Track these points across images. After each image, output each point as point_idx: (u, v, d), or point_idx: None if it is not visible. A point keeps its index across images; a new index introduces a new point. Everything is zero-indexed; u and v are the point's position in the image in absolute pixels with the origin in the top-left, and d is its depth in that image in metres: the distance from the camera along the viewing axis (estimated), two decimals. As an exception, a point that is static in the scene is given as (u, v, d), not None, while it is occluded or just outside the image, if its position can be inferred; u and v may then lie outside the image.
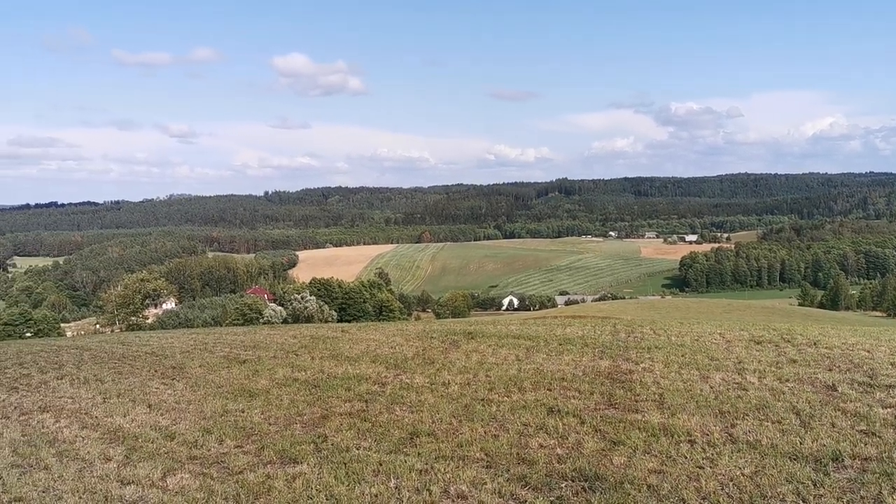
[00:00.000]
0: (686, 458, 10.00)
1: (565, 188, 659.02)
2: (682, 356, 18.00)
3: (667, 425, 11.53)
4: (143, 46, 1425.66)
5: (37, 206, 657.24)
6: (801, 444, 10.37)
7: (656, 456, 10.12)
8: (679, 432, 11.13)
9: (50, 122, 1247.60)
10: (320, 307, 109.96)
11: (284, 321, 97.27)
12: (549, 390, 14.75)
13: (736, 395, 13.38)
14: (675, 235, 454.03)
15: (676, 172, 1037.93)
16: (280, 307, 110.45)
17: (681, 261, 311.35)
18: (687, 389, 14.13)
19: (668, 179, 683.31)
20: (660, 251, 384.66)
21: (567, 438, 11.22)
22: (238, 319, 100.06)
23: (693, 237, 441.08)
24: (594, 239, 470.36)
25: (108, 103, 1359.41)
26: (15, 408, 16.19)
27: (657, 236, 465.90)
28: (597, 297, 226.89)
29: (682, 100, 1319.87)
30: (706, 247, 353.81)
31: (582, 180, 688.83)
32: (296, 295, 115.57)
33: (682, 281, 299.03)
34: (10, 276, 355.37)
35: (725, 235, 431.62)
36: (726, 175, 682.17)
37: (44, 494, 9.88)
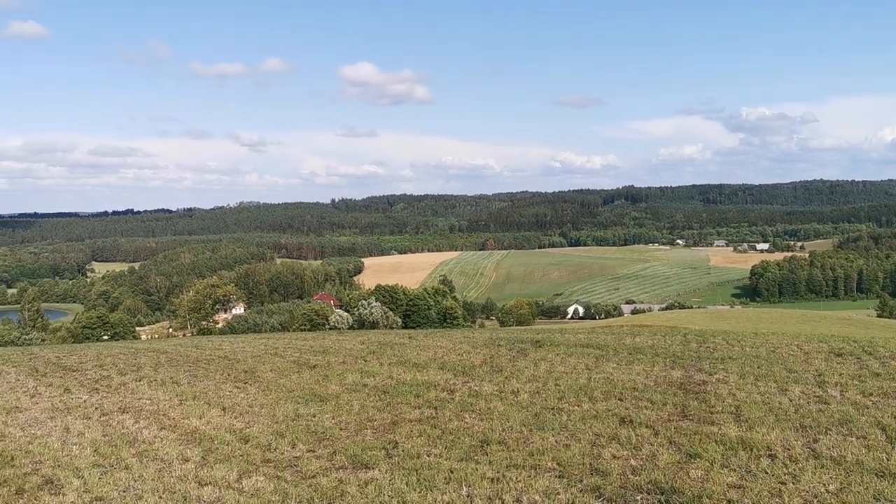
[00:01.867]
0: (767, 472, 9.70)
1: (632, 195, 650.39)
2: (759, 368, 17.54)
3: (745, 439, 11.22)
4: (218, 58, 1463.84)
5: (114, 213, 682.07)
6: (887, 460, 9.97)
7: (735, 470, 9.84)
8: (758, 446, 10.82)
9: (129, 133, 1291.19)
10: (385, 313, 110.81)
11: (350, 327, 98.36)
12: (621, 400, 14.53)
13: (817, 409, 12.96)
14: (745, 244, 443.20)
15: (747, 179, 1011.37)
16: (346, 313, 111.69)
17: (752, 270, 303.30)
18: (765, 402, 13.74)
19: (738, 187, 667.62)
20: (729, 260, 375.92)
21: (640, 450, 11.02)
22: (305, 325, 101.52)
23: (765, 246, 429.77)
24: (661, 247, 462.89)
25: (184, 114, 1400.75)
26: (96, 408, 16.71)
27: (727, 245, 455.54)
28: (663, 306, 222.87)
29: (753, 105, 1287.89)
30: (778, 255, 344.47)
31: (649, 187, 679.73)
32: (361, 301, 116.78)
33: (753, 290, 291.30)
34: (88, 280, 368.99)
35: (799, 244, 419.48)
36: (800, 182, 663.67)
37: (124, 494, 10.13)
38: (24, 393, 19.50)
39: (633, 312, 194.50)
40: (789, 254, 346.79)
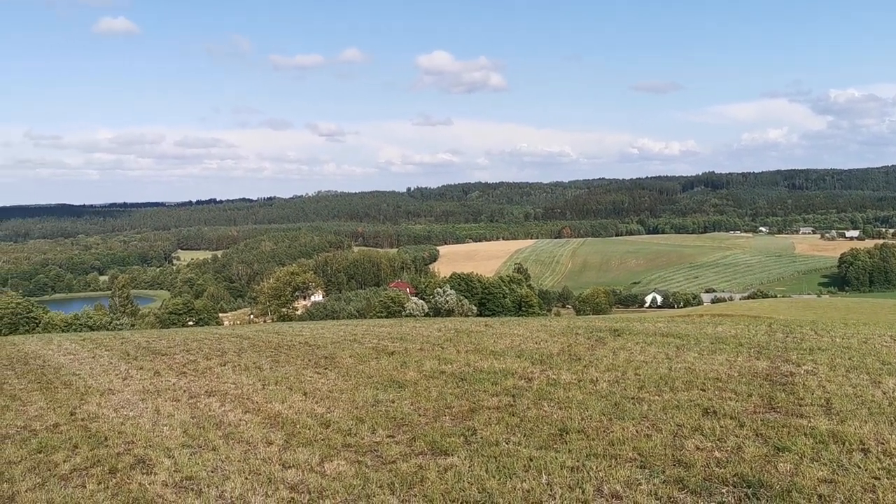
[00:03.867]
0: (860, 467, 9.33)
1: (712, 182, 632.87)
2: (850, 359, 16.89)
3: (836, 432, 10.82)
4: (297, 49, 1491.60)
5: (198, 202, 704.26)
6: None
7: (826, 464, 9.50)
8: (850, 440, 10.41)
9: (212, 124, 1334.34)
10: (460, 301, 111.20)
11: (426, 314, 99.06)
12: (703, 391, 14.20)
13: (914, 403, 12.39)
14: (833, 231, 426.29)
15: (835, 164, 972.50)
16: (421, 301, 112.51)
17: (840, 258, 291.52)
18: (857, 395, 13.22)
19: (825, 171, 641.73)
20: (816, 247, 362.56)
21: (725, 441, 10.74)
22: (382, 312, 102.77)
23: (854, 233, 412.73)
24: (743, 234, 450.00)
25: (264, 105, 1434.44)
26: (184, 391, 17.30)
27: (813, 232, 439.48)
28: (745, 295, 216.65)
29: (842, 86, 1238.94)
30: (869, 243, 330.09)
31: (730, 173, 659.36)
32: (437, 289, 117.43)
33: (842, 279, 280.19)
34: (174, 268, 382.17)
35: (892, 231, 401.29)
36: (892, 166, 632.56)
37: (212, 474, 10.46)
38: (117, 376, 20.34)
39: (714, 301, 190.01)
40: (881, 241, 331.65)
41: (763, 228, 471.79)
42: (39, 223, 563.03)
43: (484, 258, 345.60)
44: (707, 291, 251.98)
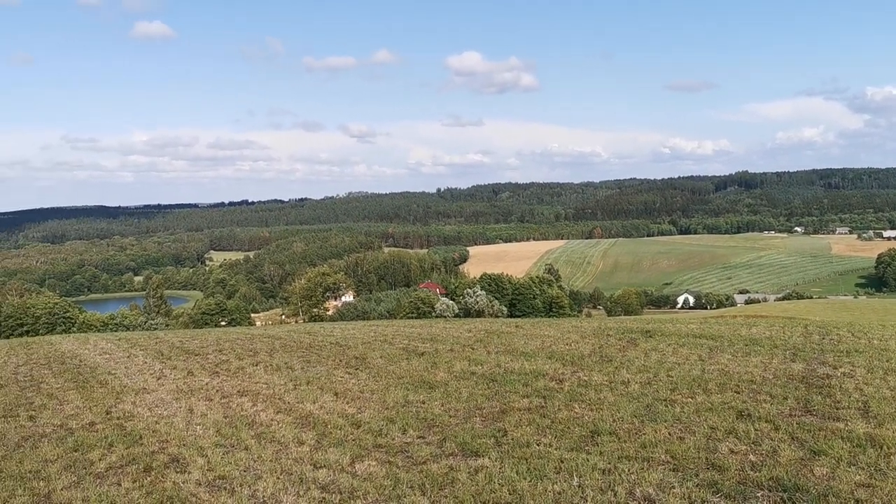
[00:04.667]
0: (899, 472, 9.14)
1: (746, 181, 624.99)
2: (888, 361, 16.59)
3: (874, 436, 10.62)
4: (329, 51, 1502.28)
5: (231, 204, 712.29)
6: None
7: (864, 468, 9.32)
8: (889, 444, 10.21)
9: (245, 126, 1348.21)
10: (490, 302, 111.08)
11: (456, 315, 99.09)
12: (737, 393, 14.03)
13: (955, 407, 12.12)
14: (870, 231, 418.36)
15: (873, 163, 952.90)
16: (451, 301, 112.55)
17: (878, 258, 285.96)
18: (895, 398, 12.96)
19: (863, 171, 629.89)
20: (853, 248, 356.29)
21: (760, 445, 10.60)
22: (412, 312, 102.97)
23: (892, 233, 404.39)
24: (778, 235, 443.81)
25: (296, 107, 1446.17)
26: (217, 391, 17.47)
27: (850, 232, 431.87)
28: (780, 296, 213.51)
29: (880, 84, 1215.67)
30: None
31: (764, 173, 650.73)
32: (467, 290, 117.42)
33: (879, 280, 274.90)
34: (207, 268, 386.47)
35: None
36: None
37: (245, 473, 10.54)
38: (151, 375, 20.61)
39: (747, 302, 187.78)
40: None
41: (798, 228, 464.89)
42: (76, 224, 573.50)
43: (514, 259, 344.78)
44: (740, 292, 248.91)
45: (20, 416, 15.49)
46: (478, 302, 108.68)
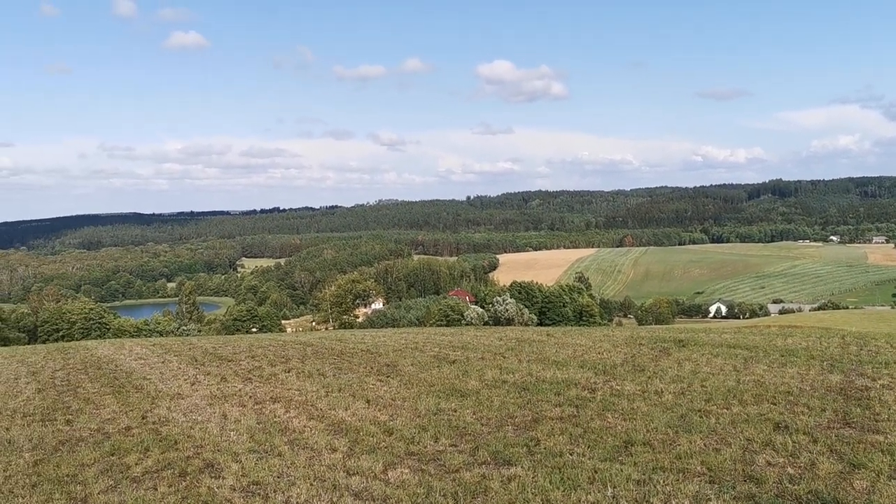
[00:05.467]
0: (943, 487, 8.94)
1: (779, 189, 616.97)
2: (929, 374, 16.23)
3: (916, 450, 10.40)
4: (360, 60, 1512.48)
5: (262, 211, 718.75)
6: None
7: (906, 483, 9.13)
8: (932, 458, 10.00)
9: (276, 135, 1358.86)
10: (520, 310, 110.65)
11: (485, 323, 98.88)
12: (774, 404, 13.83)
13: None
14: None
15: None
16: (481, 309, 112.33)
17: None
18: (937, 411, 12.70)
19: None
20: (890, 257, 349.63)
21: (798, 457, 10.43)
22: (441, 320, 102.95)
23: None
24: (812, 244, 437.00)
25: (327, 115, 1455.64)
26: (250, 397, 17.59)
27: (887, 241, 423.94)
28: (815, 306, 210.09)
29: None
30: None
31: (798, 181, 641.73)
32: (496, 297, 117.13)
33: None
34: (238, 275, 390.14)
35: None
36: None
37: (279, 479, 10.60)
38: (186, 381, 20.82)
39: (781, 312, 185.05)
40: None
41: (834, 237, 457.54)
42: (112, 231, 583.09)
43: (544, 267, 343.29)
44: (774, 302, 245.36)
45: (58, 419, 15.74)
46: (507, 310, 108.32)
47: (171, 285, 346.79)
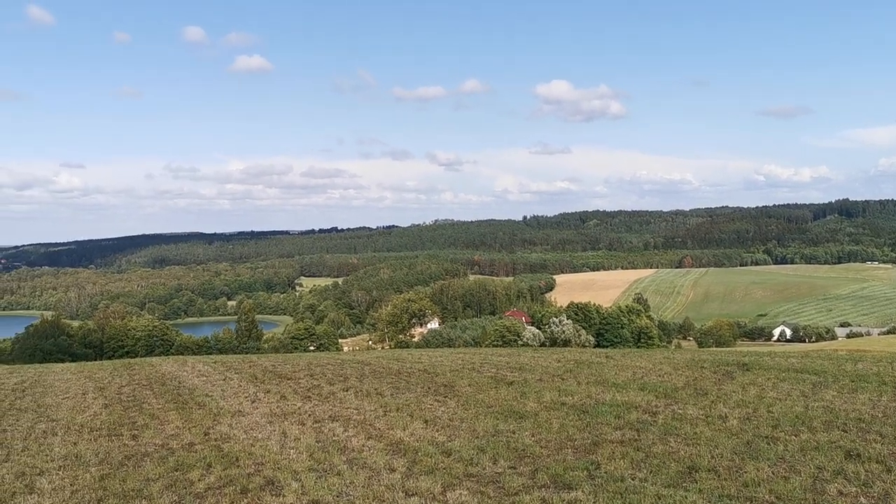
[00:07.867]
0: None
1: (846, 209, 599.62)
2: None
3: None
4: (419, 82, 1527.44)
5: (320, 231, 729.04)
6: None
7: None
8: None
9: (335, 155, 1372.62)
10: (577, 331, 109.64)
11: (542, 344, 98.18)
12: (845, 431, 13.36)
13: None
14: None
15: None
16: (537, 330, 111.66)
17: None
18: None
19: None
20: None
21: (871, 487, 10.05)
22: (497, 341, 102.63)
23: None
24: (882, 265, 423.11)
25: (386, 135, 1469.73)
26: (309, 415, 17.73)
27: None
28: (885, 330, 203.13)
29: None
30: None
31: (866, 201, 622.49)
32: (553, 318, 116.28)
33: None
34: (297, 294, 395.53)
35: None
36: None
37: (338, 498, 10.63)
38: (246, 398, 21.10)
39: (849, 336, 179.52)
40: None
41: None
42: (175, 250, 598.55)
43: (602, 287, 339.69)
44: (842, 325, 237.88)
45: (123, 434, 16.09)
46: (564, 331, 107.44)
47: (231, 303, 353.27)
